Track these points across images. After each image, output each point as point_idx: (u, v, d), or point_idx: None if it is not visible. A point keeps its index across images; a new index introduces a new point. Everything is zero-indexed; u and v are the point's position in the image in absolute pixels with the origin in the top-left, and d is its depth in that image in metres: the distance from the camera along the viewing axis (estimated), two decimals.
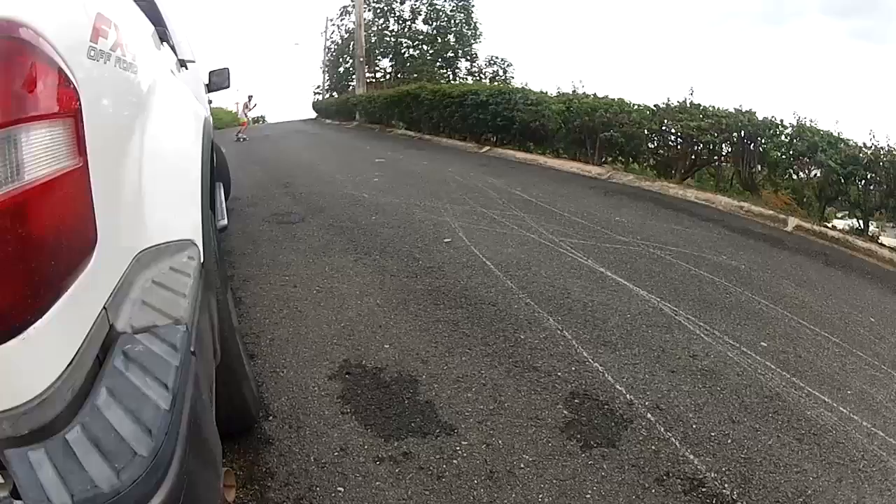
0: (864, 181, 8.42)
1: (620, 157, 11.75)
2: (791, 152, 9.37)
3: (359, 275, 4.45)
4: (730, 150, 10.40)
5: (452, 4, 34.00)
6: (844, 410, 3.39)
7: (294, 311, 3.80)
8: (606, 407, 3.07)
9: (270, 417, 2.70)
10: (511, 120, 12.74)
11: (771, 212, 8.55)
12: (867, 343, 4.43)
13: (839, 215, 10.51)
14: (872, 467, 2.93)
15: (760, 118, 9.76)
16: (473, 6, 34.15)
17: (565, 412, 2.92)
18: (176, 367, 1.12)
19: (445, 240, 5.40)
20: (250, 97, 19.79)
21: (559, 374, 3.26)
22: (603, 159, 11.66)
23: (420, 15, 34.14)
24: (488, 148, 13.30)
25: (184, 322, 1.24)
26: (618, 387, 3.27)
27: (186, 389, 1.15)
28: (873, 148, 8.32)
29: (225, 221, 4.20)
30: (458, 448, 2.56)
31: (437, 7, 33.91)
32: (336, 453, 2.49)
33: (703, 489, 2.59)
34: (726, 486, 2.63)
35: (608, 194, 8.76)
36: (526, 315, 3.99)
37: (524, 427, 2.76)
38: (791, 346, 4.11)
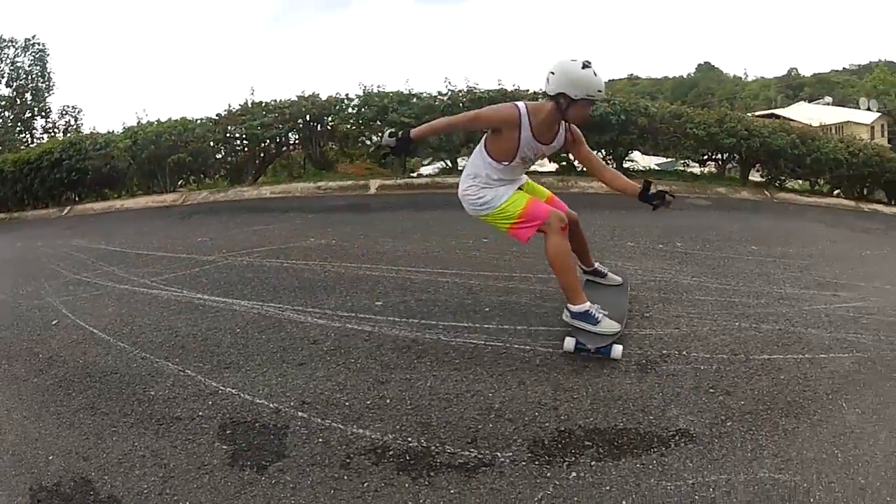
0: None
1: (192, 177, 11.89)
2: (360, 121, 10.51)
3: None
4: (298, 136, 11.18)
5: (30, 59, 32.17)
6: (490, 326, 3.87)
7: None
8: (258, 424, 3.09)
9: None
10: (84, 171, 12.04)
11: (350, 182, 9.48)
12: (486, 263, 5.18)
13: (425, 162, 12.01)
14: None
15: (325, 98, 10.66)
16: (48, 56, 32.70)
17: (225, 447, 2.99)
18: None
19: (53, 322, 5.09)
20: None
21: (200, 413, 3.28)
22: (178, 184, 11.66)
23: (3, 78, 31.48)
24: (69, 208, 12.53)
25: None
26: (258, 401, 3.27)
27: None
28: (449, 93, 9.85)
29: None
30: None
31: (18, 65, 31.83)
32: None
33: (391, 452, 2.72)
34: (411, 439, 2.78)
35: (185, 218, 8.86)
36: (147, 370, 3.90)
37: (198, 478, 2.81)
38: (408, 295, 4.54)
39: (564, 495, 2.44)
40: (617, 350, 3.47)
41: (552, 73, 3.41)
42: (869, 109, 41.98)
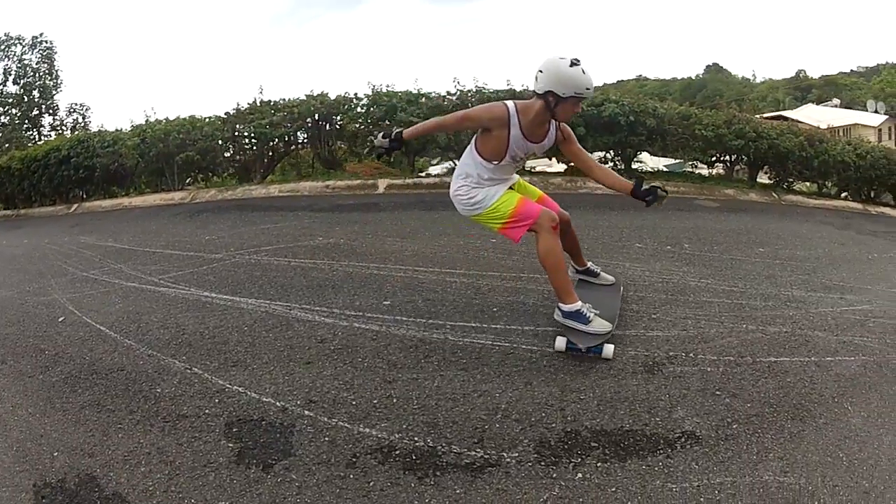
0: None
1: (200, 176, 11.97)
2: (369, 120, 10.54)
3: (3, 388, 4.24)
4: (306, 136, 11.28)
5: (37, 56, 32.16)
6: (498, 327, 3.88)
7: None
8: (264, 422, 3.12)
9: None
10: (92, 168, 12.21)
11: (359, 181, 9.52)
12: (495, 263, 5.16)
13: (433, 162, 11.98)
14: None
15: (333, 97, 10.74)
16: (56, 54, 32.66)
17: (231, 445, 3.02)
18: None
19: (60, 319, 5.15)
20: None
21: (207, 411, 3.31)
22: (186, 182, 11.74)
23: (10, 75, 31.50)
24: (77, 205, 12.68)
25: None
26: (265, 399, 3.29)
27: None
28: (458, 93, 9.87)
29: None
30: None
31: (25, 62, 31.78)
32: None
33: (397, 451, 2.74)
34: (417, 439, 2.81)
35: (193, 216, 8.86)
36: (154, 367, 3.94)
37: (204, 475, 2.84)
38: (416, 294, 4.55)
39: (570, 496, 2.45)
40: (608, 349, 3.45)
41: (541, 71, 3.41)
42: (876, 112, 41.69)
